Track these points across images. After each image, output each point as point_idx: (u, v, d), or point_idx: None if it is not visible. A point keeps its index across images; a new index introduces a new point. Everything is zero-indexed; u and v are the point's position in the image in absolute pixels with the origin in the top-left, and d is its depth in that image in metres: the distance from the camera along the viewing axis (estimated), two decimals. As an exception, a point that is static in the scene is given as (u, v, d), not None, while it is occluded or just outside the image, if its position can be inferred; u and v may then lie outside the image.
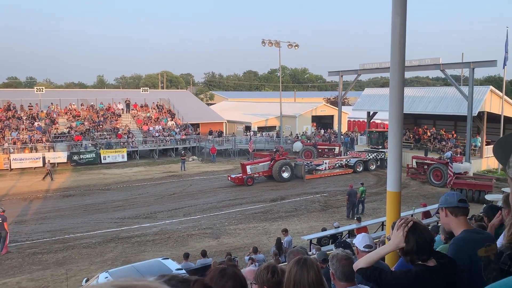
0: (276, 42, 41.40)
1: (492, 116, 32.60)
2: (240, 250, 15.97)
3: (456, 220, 3.15)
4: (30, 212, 22.26)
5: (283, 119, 45.65)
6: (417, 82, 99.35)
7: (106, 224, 19.95)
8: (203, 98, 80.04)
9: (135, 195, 25.82)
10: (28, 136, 36.09)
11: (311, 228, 18.68)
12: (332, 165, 32.27)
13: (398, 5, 4.75)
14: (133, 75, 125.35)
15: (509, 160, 1.46)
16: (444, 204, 3.19)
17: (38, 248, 16.67)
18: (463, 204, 3.17)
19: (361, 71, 37.57)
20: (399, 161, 5.06)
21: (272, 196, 25.19)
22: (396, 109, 4.97)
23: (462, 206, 3.17)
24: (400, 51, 4.87)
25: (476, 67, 29.84)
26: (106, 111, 44.20)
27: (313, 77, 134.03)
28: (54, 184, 29.16)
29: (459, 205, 3.15)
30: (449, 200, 3.17)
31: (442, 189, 26.23)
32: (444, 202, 3.18)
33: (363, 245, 4.07)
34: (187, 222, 20.08)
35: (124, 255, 15.97)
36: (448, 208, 3.16)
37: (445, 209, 3.19)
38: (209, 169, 35.03)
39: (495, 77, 78.25)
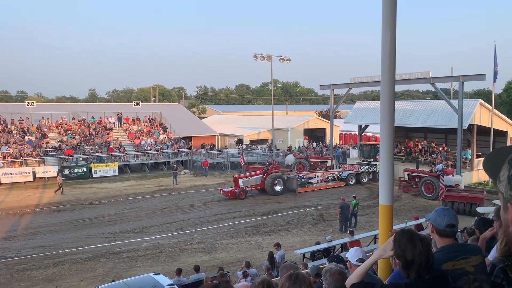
0: (268, 56, 41.72)
1: (482, 129, 32.96)
2: (232, 265, 15.83)
3: (439, 239, 3.15)
4: (20, 227, 21.93)
5: (275, 132, 45.76)
6: (408, 96, 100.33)
7: (96, 239, 19.70)
8: (195, 111, 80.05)
9: (126, 210, 25.59)
10: (19, 150, 35.76)
11: (304, 242, 18.60)
12: (325, 178, 32.32)
13: (388, 21, 4.81)
14: (125, 89, 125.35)
15: (499, 175, 1.46)
16: (432, 222, 3.18)
17: (27, 264, 16.39)
18: (450, 229, 3.16)
19: (352, 85, 37.91)
20: (391, 174, 5.07)
21: (264, 210, 25.09)
22: (387, 122, 4.99)
23: (449, 231, 3.16)
24: (390, 65, 4.92)
25: (465, 81, 30.28)
26: (98, 125, 44.01)
27: (304, 90, 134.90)
28: (44, 198, 28.82)
29: (446, 230, 3.14)
30: (438, 221, 3.15)
31: (434, 202, 26.35)
32: (433, 220, 3.16)
33: (356, 259, 4.04)
34: (179, 237, 19.90)
35: (115, 270, 15.74)
36: (435, 227, 3.16)
37: (432, 226, 3.19)
38: (201, 182, 34.88)
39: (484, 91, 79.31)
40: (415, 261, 2.63)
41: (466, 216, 22.77)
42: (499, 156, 1.51)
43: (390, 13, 4.84)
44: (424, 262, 2.62)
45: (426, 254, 2.65)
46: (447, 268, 2.94)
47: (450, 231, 3.15)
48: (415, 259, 2.63)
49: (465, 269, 2.95)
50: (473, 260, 3.00)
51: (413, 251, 2.64)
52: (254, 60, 41.51)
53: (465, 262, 2.97)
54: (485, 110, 33.10)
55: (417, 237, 2.73)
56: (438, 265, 2.89)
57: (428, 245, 2.71)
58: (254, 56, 41.38)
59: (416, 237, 2.72)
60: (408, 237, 2.72)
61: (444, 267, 2.93)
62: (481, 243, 4.11)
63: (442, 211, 3.27)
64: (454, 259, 2.99)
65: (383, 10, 4.85)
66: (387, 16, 4.84)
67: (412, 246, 2.66)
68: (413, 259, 2.63)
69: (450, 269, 2.94)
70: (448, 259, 2.99)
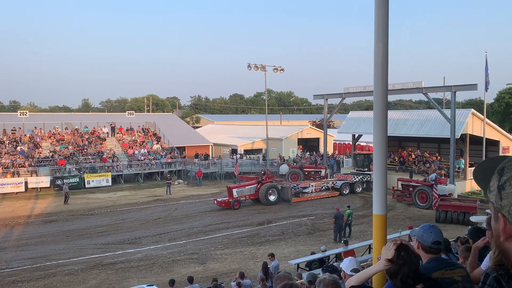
0: (262, 66, 41.89)
1: (475, 138, 33.22)
2: (226, 276, 15.73)
3: (425, 255, 3.19)
4: (11, 238, 21.68)
5: (269, 142, 45.80)
6: (401, 105, 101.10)
7: (89, 250, 19.51)
8: (189, 121, 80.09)
9: (119, 220, 25.39)
10: (11, 160, 35.47)
11: (298, 252, 18.53)
12: (319, 187, 32.32)
13: (380, 32, 4.87)
14: (118, 99, 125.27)
15: (489, 185, 1.47)
16: (418, 238, 3.21)
17: (18, 276, 16.17)
18: (436, 246, 3.20)
19: (345, 95, 38.13)
20: (384, 184, 5.09)
21: (258, 220, 25.01)
22: (381, 132, 5.03)
23: (435, 247, 3.20)
24: (383, 75, 4.96)
25: (457, 91, 30.55)
26: (91, 135, 43.84)
27: (298, 100, 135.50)
28: (36, 209, 28.55)
29: (432, 247, 3.18)
30: (425, 237, 3.18)
31: (428, 211, 26.42)
32: (420, 236, 3.19)
33: (350, 269, 4.04)
34: (173, 247, 19.76)
35: (107, 282, 15.58)
36: (421, 243, 3.19)
37: (418, 242, 3.22)
38: (195, 192, 34.75)
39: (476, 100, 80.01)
40: (400, 270, 2.65)
41: (459, 225, 22.86)
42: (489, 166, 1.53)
43: (382, 24, 4.90)
44: (408, 271, 2.64)
45: (410, 264, 2.68)
46: (437, 277, 3.02)
47: (436, 248, 3.21)
48: (400, 268, 2.65)
49: (453, 278, 3.05)
50: (459, 272, 3.13)
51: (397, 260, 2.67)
52: (248, 70, 41.67)
53: (452, 272, 3.10)
54: (477, 119, 33.38)
55: (402, 246, 2.76)
56: (429, 274, 2.97)
57: (412, 254, 2.75)
58: (248, 66, 41.56)
59: (402, 246, 2.75)
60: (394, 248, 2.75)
61: (434, 276, 3.01)
62: (473, 252, 4.12)
63: (428, 228, 3.31)
64: (442, 269, 3.09)
65: (376, 22, 4.91)
66: (379, 27, 4.90)
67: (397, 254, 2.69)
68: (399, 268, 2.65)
69: (439, 277, 3.02)
70: (438, 268, 3.09)
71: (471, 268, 3.88)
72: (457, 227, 22.44)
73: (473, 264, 3.96)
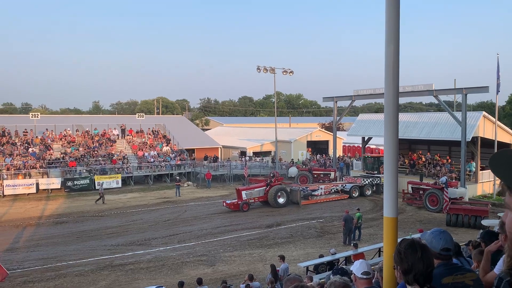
0: (271, 68, 41.93)
1: (486, 141, 32.86)
2: (235, 278, 15.72)
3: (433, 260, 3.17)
4: (22, 239, 21.90)
5: (278, 144, 45.76)
6: (411, 108, 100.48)
7: (99, 251, 19.64)
8: (199, 123, 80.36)
9: (129, 222, 25.53)
10: (22, 162, 35.87)
11: (308, 254, 18.47)
12: (328, 190, 32.20)
13: (392, 34, 4.84)
14: (128, 101, 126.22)
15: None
16: (427, 243, 3.18)
17: (29, 277, 16.32)
18: (445, 252, 3.16)
19: (355, 97, 37.98)
20: (395, 187, 5.05)
21: (267, 222, 24.98)
22: (391, 135, 4.99)
23: (444, 254, 3.16)
24: (394, 78, 4.93)
25: (468, 93, 30.26)
26: (101, 137, 44.17)
27: (307, 102, 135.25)
28: (47, 210, 28.82)
29: (441, 253, 3.14)
30: (434, 244, 3.14)
31: (438, 215, 26.19)
32: (429, 242, 3.16)
33: (361, 272, 4.01)
34: (182, 249, 19.81)
35: (117, 283, 15.66)
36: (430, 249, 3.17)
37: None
38: (204, 194, 34.82)
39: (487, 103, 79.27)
40: (414, 266, 2.61)
41: (470, 229, 22.63)
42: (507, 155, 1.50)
43: (393, 26, 4.87)
44: (423, 268, 2.61)
45: (426, 262, 2.64)
46: (448, 282, 3.00)
47: (445, 255, 3.16)
48: (415, 264, 2.61)
49: (465, 283, 3.02)
50: (470, 276, 3.09)
51: (413, 257, 2.64)
52: (257, 72, 41.75)
53: (463, 276, 3.06)
54: (489, 122, 33.03)
55: (418, 243, 2.73)
56: (439, 279, 2.94)
57: (428, 253, 2.71)
58: (257, 68, 41.61)
59: (417, 244, 2.72)
60: (409, 243, 2.72)
61: (444, 281, 2.99)
62: (486, 256, 4.07)
63: (438, 233, 3.27)
64: (452, 274, 3.06)
65: (386, 23, 4.89)
66: (390, 29, 4.87)
67: (413, 251, 2.66)
68: (413, 264, 2.62)
69: (450, 282, 3.00)
70: (448, 273, 3.06)
71: (483, 272, 3.83)
72: (468, 230, 22.22)
73: (485, 268, 3.91)
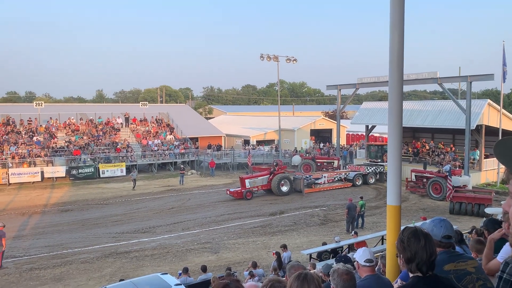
0: (275, 56, 41.69)
1: (490, 129, 32.71)
2: (239, 265, 15.84)
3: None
4: (28, 227, 22.12)
5: (281, 133, 45.73)
6: (415, 96, 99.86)
7: (104, 239, 19.82)
8: (202, 112, 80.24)
9: (133, 210, 25.71)
10: (27, 150, 36.06)
11: (311, 242, 18.57)
12: (331, 178, 32.23)
13: (396, 21, 4.81)
14: (132, 90, 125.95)
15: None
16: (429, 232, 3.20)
17: (35, 264, 16.52)
18: (446, 240, 3.18)
19: (359, 85, 37.78)
20: (399, 175, 5.06)
21: (271, 210, 25.09)
22: (395, 123, 4.99)
23: (445, 242, 3.18)
24: (399, 66, 4.91)
25: (473, 81, 30.06)
26: (105, 125, 44.27)
27: (311, 91, 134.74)
28: (52, 198, 29.05)
29: (442, 241, 3.16)
30: (435, 232, 3.16)
31: (442, 203, 26.21)
32: (430, 230, 3.17)
33: (364, 260, 4.04)
34: (186, 237, 19.96)
35: (122, 270, 15.82)
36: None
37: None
38: (207, 183, 34.96)
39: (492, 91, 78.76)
40: (417, 255, 2.63)
41: (473, 217, 22.66)
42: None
43: (398, 13, 4.84)
44: (426, 257, 2.62)
45: (429, 250, 2.66)
46: (450, 269, 3.05)
47: (446, 243, 3.18)
48: (418, 253, 2.63)
49: (466, 270, 3.06)
50: (471, 263, 3.14)
51: (416, 245, 2.65)
52: (261, 60, 41.52)
53: (465, 264, 3.11)
54: (494, 110, 32.84)
55: (421, 232, 2.74)
56: (441, 266, 2.98)
57: (431, 242, 2.72)
58: (260, 56, 41.39)
59: (420, 232, 2.73)
60: (412, 231, 2.73)
61: (446, 268, 3.03)
62: (489, 244, 4.08)
63: (439, 221, 3.29)
64: (454, 261, 3.10)
65: (391, 10, 4.85)
66: (395, 16, 4.84)
67: (416, 240, 2.67)
68: (416, 253, 2.63)
69: (452, 269, 3.05)
70: (449, 260, 3.10)
71: (487, 260, 3.84)
72: (471, 218, 22.24)
73: (488, 255, 3.92)
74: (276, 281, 2.80)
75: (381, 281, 3.87)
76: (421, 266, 2.62)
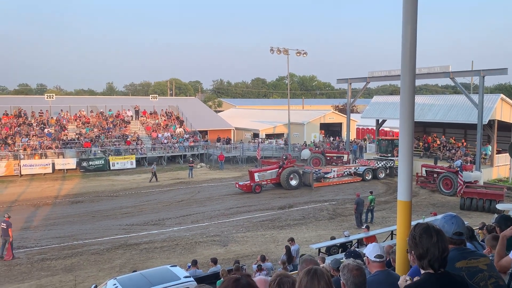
0: (285, 49, 41.48)
1: (503, 124, 32.30)
2: (248, 258, 15.90)
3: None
4: (39, 218, 22.39)
5: (291, 127, 45.63)
6: (426, 90, 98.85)
7: (114, 231, 20.00)
8: (212, 105, 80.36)
9: (143, 202, 25.89)
10: (38, 142, 36.43)
11: (320, 236, 18.56)
12: (341, 173, 32.12)
13: (409, 14, 4.73)
14: (142, 82, 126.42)
15: None
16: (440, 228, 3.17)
17: (47, 254, 16.75)
18: (457, 237, 3.14)
19: (370, 79, 37.48)
20: (410, 170, 5.00)
21: (280, 204, 25.10)
22: (407, 118, 4.92)
23: (456, 238, 3.14)
24: (411, 60, 4.84)
25: (486, 75, 29.65)
26: (115, 118, 44.54)
27: (321, 84, 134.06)
28: (63, 190, 29.36)
29: (453, 238, 3.12)
30: (446, 228, 3.13)
31: (452, 198, 26.00)
32: (441, 227, 3.14)
33: (374, 255, 4.02)
34: (195, 229, 20.07)
35: (132, 262, 15.97)
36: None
37: None
38: (217, 176, 35.05)
39: (506, 85, 77.68)
40: (429, 251, 2.60)
41: (484, 213, 22.45)
42: None
43: (411, 5, 4.76)
44: (438, 253, 2.60)
45: (442, 246, 2.62)
46: (461, 266, 3.03)
47: (457, 239, 3.16)
48: (430, 249, 2.60)
49: (478, 267, 3.04)
50: (483, 260, 3.11)
51: (428, 241, 2.62)
52: (271, 53, 41.35)
53: (477, 261, 3.08)
54: (507, 105, 32.40)
55: (433, 228, 2.71)
56: (452, 263, 2.95)
57: (444, 238, 2.69)
58: (270, 49, 41.22)
59: (432, 228, 2.70)
60: (424, 228, 2.70)
61: (458, 265, 3.01)
62: (501, 241, 4.04)
63: (450, 218, 3.26)
64: (466, 258, 3.07)
65: (404, 2, 4.77)
66: (407, 9, 4.76)
67: (428, 236, 2.64)
68: (428, 249, 2.60)
69: (464, 266, 3.03)
70: (461, 257, 3.07)
71: (499, 257, 3.80)
72: (482, 214, 22.03)
73: (500, 252, 3.88)
74: (284, 276, 2.79)
75: (391, 276, 3.84)
76: (433, 262, 2.59)
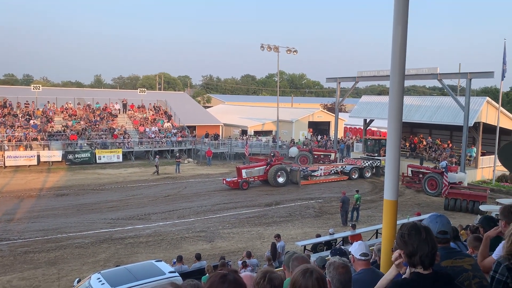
0: (275, 47, 41.50)
1: (488, 127, 32.77)
2: (233, 254, 15.92)
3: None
4: (23, 210, 22.09)
5: (279, 124, 45.67)
6: (414, 91, 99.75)
7: (99, 225, 19.83)
8: (200, 100, 80.00)
9: (129, 196, 25.71)
10: (23, 133, 35.90)
11: (305, 234, 18.65)
12: (328, 171, 32.30)
13: (400, 15, 4.76)
14: (130, 76, 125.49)
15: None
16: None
17: (30, 247, 16.53)
18: (442, 235, 3.18)
19: (358, 79, 37.68)
20: (396, 170, 5.05)
21: (266, 201, 25.15)
22: (395, 118, 4.96)
23: (441, 237, 3.18)
24: (400, 60, 4.87)
25: (473, 78, 30.02)
26: (103, 111, 44.09)
27: (310, 83, 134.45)
28: (48, 182, 29.01)
29: (438, 236, 3.15)
30: (431, 227, 3.15)
31: (437, 198, 26.33)
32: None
33: (359, 253, 4.05)
34: (181, 225, 20.00)
35: (116, 256, 15.86)
36: None
37: None
38: (204, 172, 34.96)
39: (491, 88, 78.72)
40: (419, 248, 2.62)
41: (468, 213, 22.80)
42: None
43: (402, 5, 4.79)
44: (428, 249, 2.62)
45: (431, 243, 2.65)
46: (447, 265, 3.06)
47: (442, 238, 3.19)
48: (420, 245, 2.62)
49: (463, 267, 3.09)
50: (468, 260, 3.16)
51: (418, 238, 2.64)
52: (261, 50, 41.35)
53: (462, 261, 3.13)
54: (492, 108, 32.87)
55: (421, 225, 2.73)
56: (438, 262, 2.93)
57: (432, 235, 2.71)
58: (261, 46, 41.20)
59: (420, 226, 2.72)
60: (412, 225, 2.72)
61: (443, 264, 3.05)
62: (485, 241, 4.09)
63: (435, 217, 3.30)
64: (452, 258, 3.12)
65: (395, 3, 4.80)
66: (398, 9, 4.79)
67: (417, 233, 2.66)
68: (418, 245, 2.62)
69: (449, 265, 3.06)
70: (447, 257, 3.11)
71: (482, 257, 3.86)
72: (466, 215, 22.37)
73: (484, 253, 3.94)
74: (272, 272, 2.79)
75: (376, 275, 3.87)
76: (424, 258, 2.60)
